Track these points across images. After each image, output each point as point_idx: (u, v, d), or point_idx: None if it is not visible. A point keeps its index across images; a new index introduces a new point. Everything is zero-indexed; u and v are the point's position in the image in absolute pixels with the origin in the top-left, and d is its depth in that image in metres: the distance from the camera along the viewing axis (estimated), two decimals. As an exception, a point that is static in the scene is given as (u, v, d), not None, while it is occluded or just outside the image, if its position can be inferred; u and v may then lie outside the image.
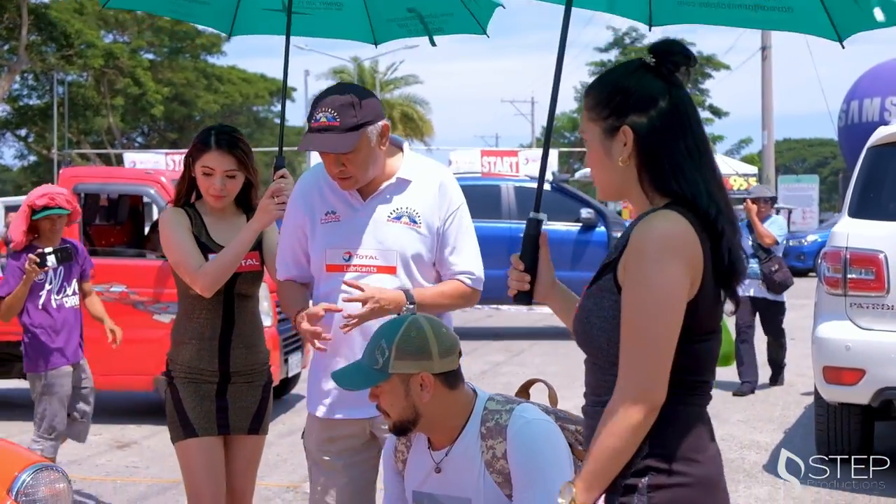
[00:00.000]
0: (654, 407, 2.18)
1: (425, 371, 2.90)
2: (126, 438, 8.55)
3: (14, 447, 3.88)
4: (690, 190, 2.26)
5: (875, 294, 6.76)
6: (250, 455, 4.21)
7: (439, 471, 3.02)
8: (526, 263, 2.68)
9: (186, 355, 4.06)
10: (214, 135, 4.04)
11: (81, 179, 9.39)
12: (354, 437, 3.58)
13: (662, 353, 2.17)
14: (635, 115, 2.30)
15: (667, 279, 2.16)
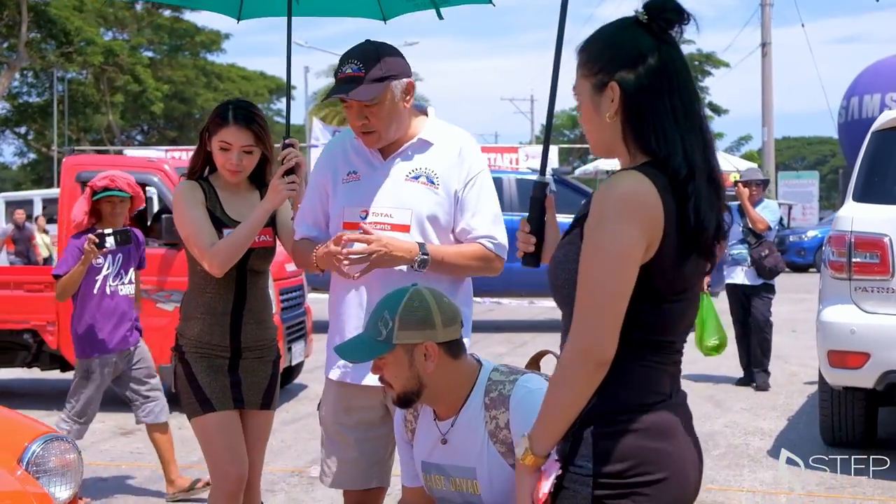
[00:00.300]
0: (600, 363, 2.19)
1: (429, 340, 2.90)
2: (130, 426, 8.51)
3: (24, 418, 3.87)
4: (667, 149, 2.26)
5: (880, 278, 6.76)
6: (261, 430, 4.20)
7: (445, 442, 3.02)
8: (532, 226, 2.69)
9: (197, 330, 4.04)
10: (232, 109, 4.02)
11: (84, 167, 9.38)
12: (370, 409, 3.57)
13: (609, 311, 2.18)
14: (624, 71, 2.30)
15: (618, 240, 2.18)
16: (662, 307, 2.26)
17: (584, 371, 2.20)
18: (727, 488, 6.46)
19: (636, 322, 2.23)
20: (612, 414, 2.24)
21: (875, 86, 30.83)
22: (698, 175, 2.26)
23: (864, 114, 31.02)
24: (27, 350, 9.33)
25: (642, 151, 2.30)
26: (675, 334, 2.31)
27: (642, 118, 2.28)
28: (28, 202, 23.09)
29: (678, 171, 2.24)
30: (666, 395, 2.29)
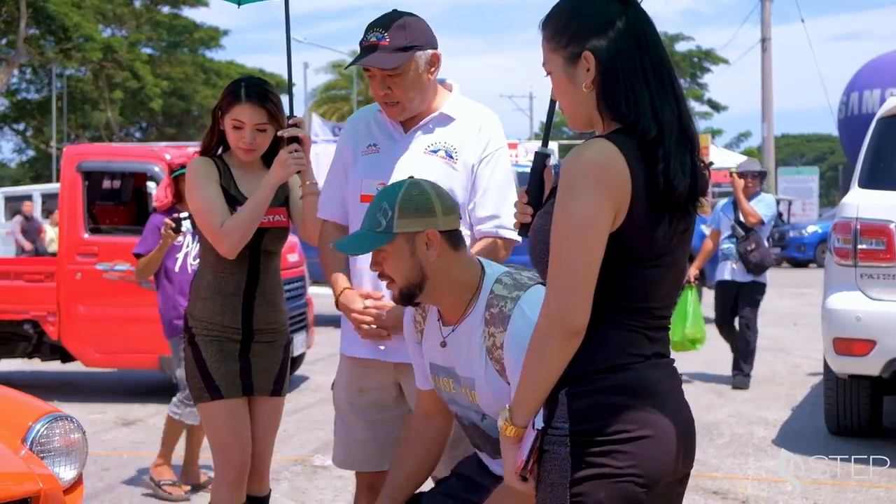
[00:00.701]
0: (574, 331, 2.19)
1: (430, 228, 2.85)
2: (131, 416, 8.51)
3: (28, 398, 3.85)
4: (635, 111, 2.25)
5: (886, 265, 6.74)
6: (271, 417, 4.11)
7: (444, 345, 2.98)
8: (531, 197, 2.66)
9: (208, 311, 3.95)
10: (245, 87, 3.94)
11: (85, 157, 9.35)
12: (383, 389, 3.54)
13: (578, 280, 2.17)
14: (595, 39, 2.28)
15: (583, 209, 2.17)
16: (638, 273, 2.25)
17: (557, 340, 2.19)
18: (732, 476, 6.44)
19: (611, 289, 2.23)
20: (585, 375, 2.23)
21: (875, 81, 30.81)
22: (668, 134, 2.25)
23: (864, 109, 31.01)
24: (27, 341, 9.31)
25: (613, 117, 2.29)
26: (653, 300, 2.29)
27: (616, 83, 2.27)
28: (27, 197, 23.05)
29: (647, 133, 2.23)
30: (643, 357, 2.27)
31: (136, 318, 8.86)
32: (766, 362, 10.93)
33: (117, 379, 10.39)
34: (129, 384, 10.27)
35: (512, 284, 2.91)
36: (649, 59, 2.28)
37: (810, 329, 12.95)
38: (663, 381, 2.30)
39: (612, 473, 2.19)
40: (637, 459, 2.20)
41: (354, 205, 3.55)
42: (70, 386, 10.18)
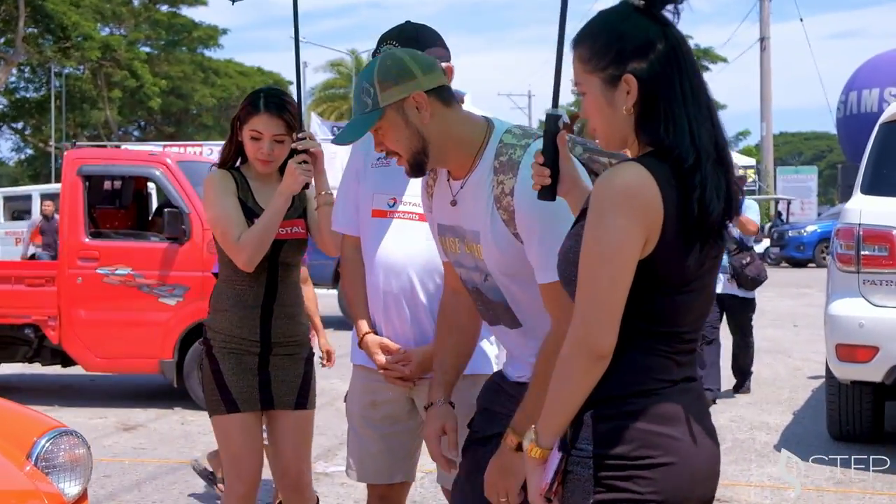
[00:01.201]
0: (599, 355, 2.18)
1: (414, 91, 2.80)
2: (132, 421, 8.50)
3: (32, 412, 3.83)
4: (674, 137, 2.23)
5: (888, 271, 6.73)
6: (299, 430, 4.03)
7: (454, 203, 2.93)
8: (547, 159, 2.60)
9: (227, 323, 3.92)
10: (263, 97, 3.91)
11: (86, 161, 9.34)
12: (395, 402, 3.52)
13: (606, 304, 2.17)
14: (636, 62, 2.26)
15: (613, 234, 2.16)
16: (668, 298, 2.24)
17: (583, 363, 2.19)
18: (735, 483, 6.43)
19: (640, 313, 2.21)
20: (612, 398, 2.22)
21: (874, 80, 30.85)
22: (705, 159, 2.23)
23: (862, 108, 31.05)
24: (28, 345, 9.31)
25: (649, 140, 2.27)
26: (682, 324, 2.28)
27: (656, 106, 2.25)
28: (26, 197, 23.02)
29: (684, 159, 2.21)
30: (671, 382, 2.26)
31: (137, 322, 8.87)
32: (767, 365, 10.93)
33: (118, 383, 10.39)
34: (130, 388, 10.26)
35: (521, 133, 2.88)
36: (689, 82, 2.27)
37: (810, 330, 12.96)
38: (690, 407, 2.28)
39: (634, 499, 2.19)
40: (659, 486, 2.19)
41: (366, 219, 3.53)
42: (70, 390, 10.17)
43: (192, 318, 8.78)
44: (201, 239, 8.74)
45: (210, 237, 8.73)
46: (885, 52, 31.67)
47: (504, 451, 2.74)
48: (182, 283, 8.80)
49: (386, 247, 3.45)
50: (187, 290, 8.78)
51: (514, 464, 2.70)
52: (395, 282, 3.44)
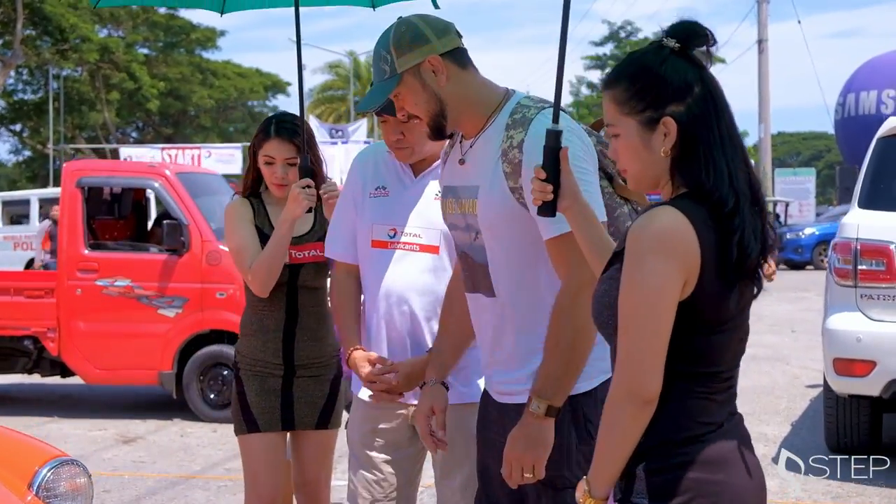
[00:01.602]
0: (647, 400, 2.20)
1: (430, 54, 2.88)
2: (132, 433, 8.51)
3: (33, 441, 3.84)
4: (714, 180, 2.25)
5: (886, 285, 6.74)
6: (320, 450, 4.12)
7: (463, 162, 2.98)
8: (548, 174, 2.61)
9: (251, 348, 4.02)
10: (274, 123, 4.03)
11: (85, 173, 9.36)
12: (397, 429, 3.54)
13: (649, 349, 2.18)
14: (674, 105, 2.27)
15: (654, 280, 2.18)
16: (706, 339, 2.25)
17: (631, 410, 2.20)
18: (733, 497, 6.43)
19: (680, 355, 2.23)
20: (662, 448, 2.24)
21: (871, 82, 30.88)
22: (743, 202, 2.25)
23: (860, 110, 31.08)
24: (28, 356, 9.33)
25: (686, 182, 2.28)
26: (721, 364, 2.29)
27: (696, 149, 2.26)
28: (24, 202, 23.01)
29: (724, 202, 2.23)
30: (717, 424, 2.27)
31: (136, 334, 8.89)
32: (766, 373, 10.94)
33: (117, 393, 10.39)
34: (129, 398, 10.27)
35: (539, 99, 2.94)
36: (725, 124, 2.28)
37: (808, 336, 12.96)
38: (736, 449, 2.29)
39: None
40: None
41: (365, 249, 3.54)
42: (70, 400, 10.19)
43: (191, 329, 8.82)
44: (200, 250, 8.77)
45: (208, 249, 8.77)
46: (883, 55, 31.69)
47: (528, 421, 2.76)
48: (181, 294, 8.82)
49: (387, 277, 3.47)
50: (186, 302, 8.80)
51: (541, 432, 2.74)
52: (397, 312, 3.46)
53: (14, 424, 8.62)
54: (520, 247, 2.88)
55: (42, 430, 8.65)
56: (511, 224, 2.85)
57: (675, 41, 2.31)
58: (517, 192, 2.83)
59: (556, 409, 2.75)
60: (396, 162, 3.55)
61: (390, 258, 3.48)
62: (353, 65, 47.81)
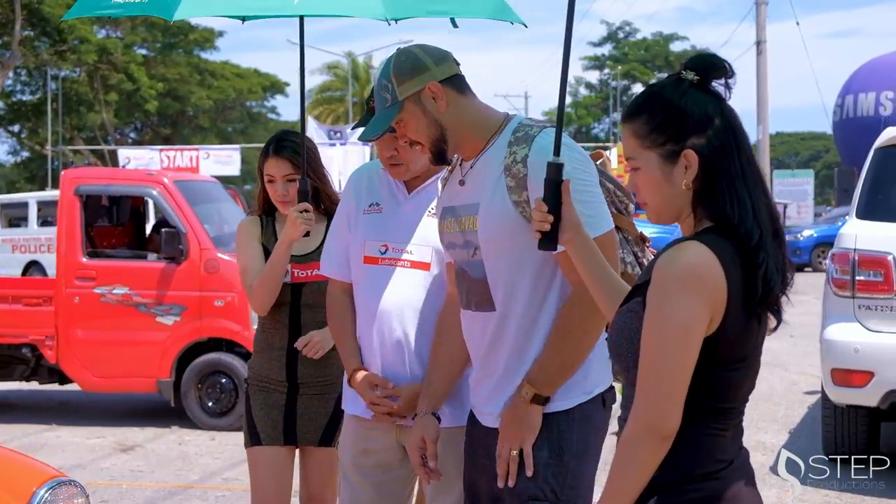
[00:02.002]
0: (665, 437, 2.20)
1: (429, 82, 2.96)
2: (130, 441, 8.51)
3: (31, 461, 3.84)
4: (739, 213, 2.24)
5: (883, 296, 6.75)
6: (323, 467, 4.19)
7: (463, 183, 3.04)
8: (549, 206, 2.62)
9: (258, 365, 4.14)
10: (274, 142, 4.15)
11: (83, 181, 9.36)
12: (387, 450, 3.54)
13: (673, 387, 2.19)
14: (695, 138, 2.27)
15: (682, 316, 2.17)
16: (725, 374, 2.25)
17: (649, 444, 2.20)
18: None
19: (700, 391, 2.22)
20: (676, 484, 2.24)
21: (870, 84, 30.90)
22: (766, 235, 2.24)
23: (858, 112, 31.10)
24: (26, 364, 9.33)
25: (710, 216, 2.28)
26: (736, 400, 2.29)
27: (718, 182, 2.26)
28: (23, 205, 22.98)
29: (750, 236, 2.22)
30: (728, 462, 2.28)
31: (134, 342, 8.90)
32: (764, 379, 10.93)
33: (115, 399, 10.38)
34: (127, 405, 10.26)
35: (540, 121, 3.03)
36: (746, 157, 2.28)
37: (807, 341, 12.95)
38: (745, 485, 2.31)
39: None
40: None
41: (357, 265, 3.55)
42: (68, 407, 10.19)
43: (190, 337, 8.82)
44: (198, 258, 8.77)
45: (207, 257, 8.78)
46: (881, 56, 31.71)
47: (518, 404, 2.86)
48: (179, 302, 8.82)
49: (378, 293, 3.47)
50: (184, 310, 8.80)
51: (528, 415, 2.85)
52: (387, 328, 3.46)
53: (12, 432, 8.69)
54: (520, 260, 2.91)
55: (40, 437, 8.65)
56: (512, 238, 2.89)
57: (693, 74, 2.30)
58: (520, 206, 2.87)
59: (543, 398, 2.86)
60: (390, 179, 3.56)
61: (381, 274, 3.48)
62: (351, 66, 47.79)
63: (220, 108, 49.34)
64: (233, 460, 7.49)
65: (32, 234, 21.82)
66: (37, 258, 21.19)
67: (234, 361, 8.73)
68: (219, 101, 48.30)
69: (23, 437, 8.64)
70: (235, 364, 8.67)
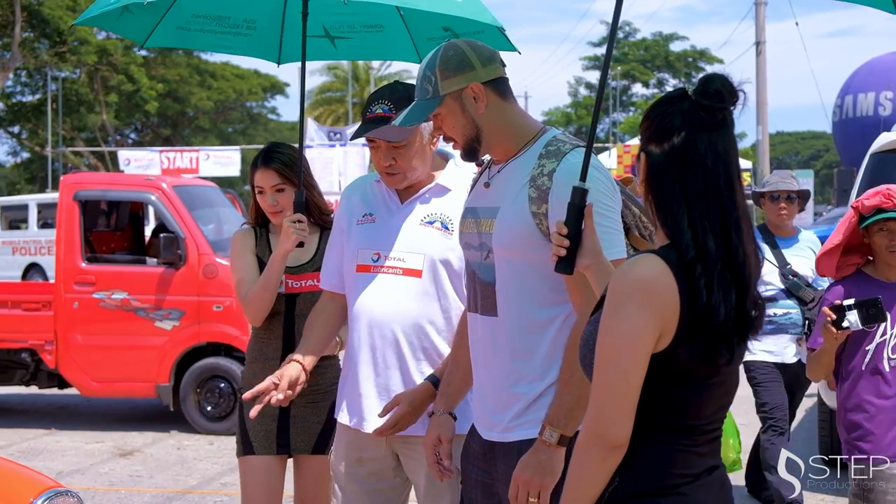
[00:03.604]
0: (613, 445, 2.21)
1: (472, 82, 2.95)
2: (128, 446, 8.53)
3: (28, 471, 3.86)
4: (674, 229, 2.25)
5: (879, 301, 6.74)
6: (316, 475, 4.18)
7: (488, 186, 3.06)
8: (570, 230, 2.64)
9: (252, 374, 4.13)
10: (262, 154, 4.18)
11: (82, 186, 9.39)
12: (381, 459, 3.55)
13: (619, 395, 2.20)
14: (653, 145, 2.31)
15: (628, 327, 2.19)
16: (685, 391, 2.25)
17: (596, 453, 2.21)
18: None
19: (658, 406, 2.24)
20: (633, 497, 2.25)
21: (869, 84, 30.83)
22: (710, 259, 2.22)
23: (858, 112, 31.04)
24: (25, 369, 9.36)
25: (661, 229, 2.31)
26: (701, 417, 2.29)
27: (657, 194, 2.30)
28: (23, 207, 23.02)
29: (685, 253, 2.23)
30: (692, 476, 2.28)
31: (133, 346, 8.92)
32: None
33: (114, 403, 10.41)
34: (126, 409, 10.29)
35: (574, 138, 3.03)
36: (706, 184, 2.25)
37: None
38: (711, 501, 2.31)
39: None
40: None
41: (350, 274, 3.58)
42: (67, 411, 10.21)
43: (188, 342, 8.85)
44: (197, 263, 8.81)
45: (205, 262, 8.80)
46: (880, 56, 31.64)
47: (541, 448, 2.79)
48: (178, 307, 8.85)
49: (370, 301, 3.50)
50: (183, 315, 8.83)
51: (551, 461, 2.79)
52: (379, 336, 3.49)
53: (11, 436, 8.72)
54: (529, 271, 2.92)
55: (40, 442, 8.68)
56: (525, 247, 2.91)
57: (697, 94, 2.30)
58: (538, 218, 2.88)
59: (568, 438, 2.78)
60: (384, 189, 3.60)
61: (373, 281, 3.51)
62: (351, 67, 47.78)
63: (221, 109, 49.33)
64: (231, 465, 7.50)
65: (32, 236, 21.88)
66: (37, 260, 21.25)
67: (232, 366, 8.77)
68: (219, 101, 48.29)
69: (22, 441, 8.67)
70: (234, 368, 8.70)
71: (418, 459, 3.42)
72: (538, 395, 2.92)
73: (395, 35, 4.80)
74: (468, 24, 4.52)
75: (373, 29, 4.78)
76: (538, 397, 2.92)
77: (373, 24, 4.76)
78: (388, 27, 4.78)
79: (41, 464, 7.73)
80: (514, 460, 2.87)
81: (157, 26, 4.59)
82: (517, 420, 2.95)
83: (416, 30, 4.76)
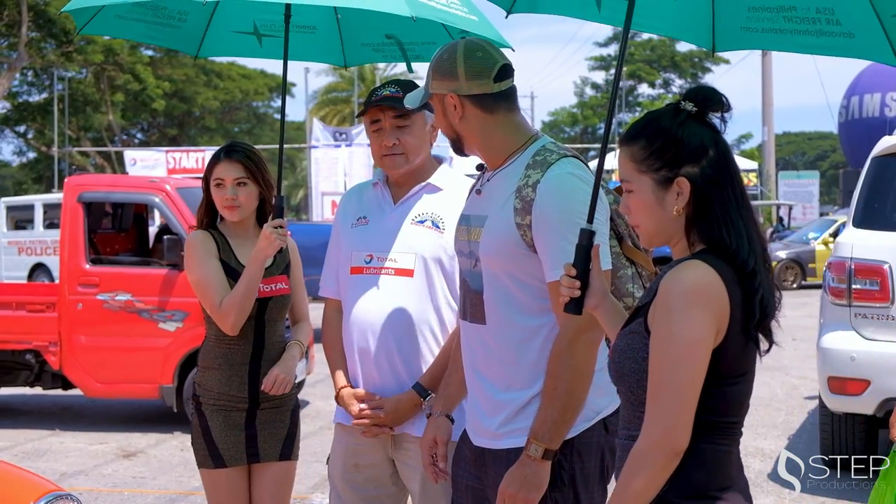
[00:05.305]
0: (677, 452, 2.26)
1: (452, 92, 2.97)
2: (132, 447, 8.56)
3: (29, 475, 3.87)
4: (735, 240, 2.32)
5: (880, 305, 6.78)
6: (280, 481, 4.11)
7: (479, 192, 3.08)
8: (578, 271, 2.67)
9: (215, 382, 4.00)
10: (224, 149, 4.09)
11: (86, 188, 9.42)
12: (378, 465, 3.58)
13: (685, 401, 2.25)
14: (689, 166, 2.35)
15: (691, 331, 2.24)
16: (727, 389, 2.31)
17: (661, 460, 2.26)
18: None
19: (706, 406, 2.29)
20: (686, 499, 2.30)
21: (875, 85, 30.86)
22: (759, 262, 2.33)
23: (864, 113, 31.08)
24: (29, 370, 9.38)
25: (704, 240, 2.36)
26: (739, 415, 2.36)
27: (712, 210, 2.35)
28: (28, 207, 23.06)
29: (747, 263, 2.31)
30: (734, 479, 2.35)
31: (137, 348, 8.95)
32: (764, 383, 10.96)
33: (118, 404, 10.44)
34: (130, 410, 10.32)
35: (562, 147, 3.04)
36: (739, 188, 2.37)
37: (809, 344, 12.93)
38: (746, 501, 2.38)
39: None
40: None
41: (345, 276, 3.61)
42: (71, 412, 10.24)
43: (192, 343, 8.85)
44: (200, 265, 8.80)
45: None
46: (886, 57, 31.60)
47: (527, 462, 2.82)
48: (181, 308, 8.88)
49: (363, 302, 3.52)
50: (187, 316, 8.85)
51: (537, 475, 2.81)
52: (372, 336, 3.51)
53: (16, 437, 8.76)
54: (514, 281, 2.94)
55: (43, 443, 8.71)
56: (510, 258, 2.93)
57: (692, 105, 2.39)
58: (522, 229, 2.90)
59: (553, 451, 2.81)
60: (379, 192, 3.63)
61: (366, 282, 3.53)
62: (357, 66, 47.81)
63: (227, 109, 49.45)
64: (234, 467, 7.53)
65: (38, 236, 21.93)
66: (42, 260, 21.29)
67: (235, 367, 8.77)
68: (225, 101, 48.42)
69: (26, 442, 8.70)
70: (237, 370, 8.70)
71: (414, 465, 3.45)
72: (526, 402, 2.94)
73: (327, 37, 4.71)
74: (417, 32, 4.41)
75: (305, 29, 4.66)
76: (526, 405, 2.94)
77: (306, 25, 4.65)
78: (320, 29, 4.69)
79: (45, 465, 7.77)
80: (503, 468, 2.89)
81: (99, 13, 4.49)
82: (506, 427, 2.97)
83: (349, 35, 4.67)
